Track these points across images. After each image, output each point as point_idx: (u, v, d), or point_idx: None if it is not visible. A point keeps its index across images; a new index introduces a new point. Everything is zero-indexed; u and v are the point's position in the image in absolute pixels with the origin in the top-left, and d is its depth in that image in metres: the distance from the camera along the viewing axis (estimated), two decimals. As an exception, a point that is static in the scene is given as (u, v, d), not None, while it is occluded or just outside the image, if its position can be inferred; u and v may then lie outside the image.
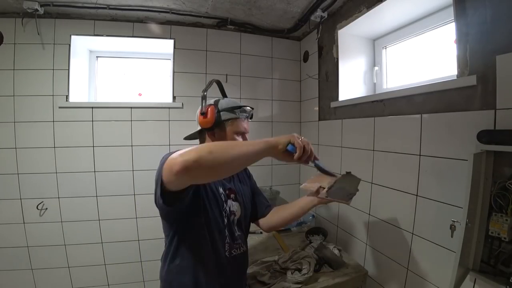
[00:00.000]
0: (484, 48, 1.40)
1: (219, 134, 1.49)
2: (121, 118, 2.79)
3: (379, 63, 2.56)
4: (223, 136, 1.48)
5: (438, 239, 1.61)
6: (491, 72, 1.35)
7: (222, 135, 1.49)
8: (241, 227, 1.60)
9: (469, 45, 1.46)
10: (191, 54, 2.96)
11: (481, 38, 1.41)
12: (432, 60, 2.07)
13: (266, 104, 3.22)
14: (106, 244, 2.80)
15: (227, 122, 1.49)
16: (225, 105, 1.52)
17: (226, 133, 1.48)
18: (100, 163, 2.75)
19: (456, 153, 1.52)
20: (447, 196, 1.56)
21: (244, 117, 1.53)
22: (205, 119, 1.47)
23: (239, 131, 1.50)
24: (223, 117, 1.48)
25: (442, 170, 1.59)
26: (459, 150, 1.49)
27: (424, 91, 1.70)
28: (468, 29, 1.47)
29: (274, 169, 3.24)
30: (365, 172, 2.18)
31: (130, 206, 2.83)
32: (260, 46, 3.19)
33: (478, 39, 1.43)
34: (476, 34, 1.43)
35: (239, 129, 1.50)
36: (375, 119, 2.11)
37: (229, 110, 1.50)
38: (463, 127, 1.48)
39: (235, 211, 1.56)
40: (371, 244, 2.16)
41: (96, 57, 3.11)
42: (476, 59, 1.43)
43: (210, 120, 1.46)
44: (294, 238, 2.61)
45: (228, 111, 1.50)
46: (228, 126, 1.49)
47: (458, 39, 1.52)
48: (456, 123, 1.52)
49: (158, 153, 2.71)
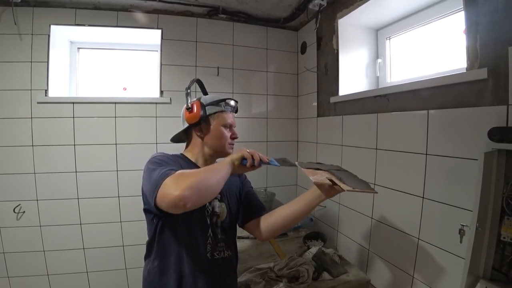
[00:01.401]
0: (495, 38, 1.38)
1: (206, 129, 1.57)
2: (105, 114, 2.78)
3: (382, 55, 2.54)
4: (210, 130, 1.57)
5: (446, 244, 1.60)
6: (503, 64, 1.34)
7: (209, 129, 1.57)
8: (225, 230, 1.58)
9: (480, 36, 1.44)
10: (179, 45, 2.95)
11: (493, 28, 1.39)
12: (440, 52, 2.06)
13: (261, 99, 3.22)
14: (88, 250, 2.78)
15: (213, 116, 1.57)
16: (209, 99, 1.60)
17: (213, 127, 1.56)
18: (81, 163, 2.73)
19: (465, 152, 1.50)
20: (456, 199, 1.55)
21: (229, 110, 1.62)
22: (191, 114, 1.53)
23: (226, 123, 1.58)
24: (209, 111, 1.56)
25: (450, 170, 1.58)
26: (469, 149, 1.48)
27: (431, 85, 1.69)
28: (478, 18, 1.45)
29: (269, 170, 3.23)
30: (368, 173, 2.17)
31: (114, 209, 2.82)
32: (254, 36, 3.19)
33: (489, 29, 1.41)
34: (487, 23, 1.42)
35: (226, 121, 1.58)
36: (378, 115, 2.10)
37: (214, 103, 1.58)
38: (473, 124, 1.46)
39: (219, 213, 1.56)
40: (374, 250, 2.15)
41: (77, 49, 3.08)
42: (487, 50, 1.42)
43: (196, 114, 1.52)
44: (290, 243, 2.61)
45: (213, 105, 1.58)
46: (215, 119, 1.57)
47: (467, 29, 1.50)
48: (465, 119, 1.50)
49: (144, 152, 2.72)
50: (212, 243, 1.51)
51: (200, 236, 1.48)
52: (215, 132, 1.56)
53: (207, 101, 1.59)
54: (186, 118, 1.55)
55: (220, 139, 1.56)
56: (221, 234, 1.56)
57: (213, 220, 1.54)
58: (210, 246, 1.50)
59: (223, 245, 1.56)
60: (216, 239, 1.54)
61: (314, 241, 2.53)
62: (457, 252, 1.54)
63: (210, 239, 1.50)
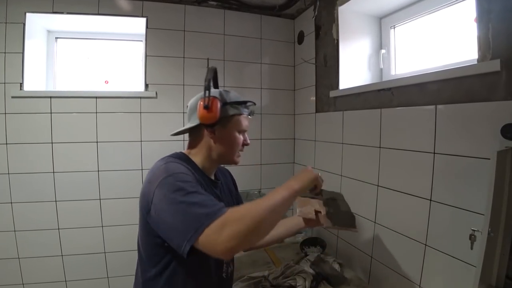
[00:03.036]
0: (509, 27, 1.36)
1: (220, 132, 1.46)
2: (85, 109, 2.76)
3: (386, 46, 2.54)
4: (224, 135, 1.47)
5: (455, 251, 1.59)
6: (518, 55, 1.33)
7: (223, 133, 1.46)
8: None
9: (492, 24, 1.43)
10: (166, 34, 2.94)
11: (506, 16, 1.38)
12: (449, 42, 2.05)
13: (254, 94, 3.22)
14: (67, 257, 2.75)
15: (229, 118, 1.47)
16: (228, 98, 1.49)
17: (228, 131, 1.47)
18: (60, 162, 2.70)
19: (476, 151, 1.48)
20: (466, 201, 1.53)
21: (246, 114, 1.53)
22: (209, 113, 1.39)
23: (242, 129, 1.51)
24: (226, 112, 1.45)
25: (460, 171, 1.57)
26: (480, 147, 1.46)
27: (439, 78, 1.68)
28: (490, 5, 1.44)
29: (264, 170, 3.24)
30: (370, 173, 2.17)
31: (95, 212, 2.80)
32: (247, 25, 3.19)
33: (502, 17, 1.39)
34: (500, 11, 1.40)
35: (242, 127, 1.50)
36: (381, 110, 2.09)
37: (234, 105, 1.48)
38: (485, 120, 1.45)
39: None
40: (377, 257, 2.14)
41: (55, 39, 3.05)
42: (500, 40, 1.40)
43: (214, 116, 1.39)
44: (287, 250, 2.62)
45: (233, 107, 1.48)
46: (231, 122, 1.47)
47: (479, 17, 1.49)
48: (476, 115, 1.49)
49: (127, 151, 2.72)
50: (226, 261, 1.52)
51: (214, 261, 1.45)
52: (229, 138, 1.48)
53: (226, 100, 1.48)
54: (201, 116, 1.40)
55: (232, 146, 1.49)
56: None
57: None
58: (226, 265, 1.51)
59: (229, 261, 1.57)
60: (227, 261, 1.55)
61: (313, 248, 2.53)
62: (467, 259, 1.52)
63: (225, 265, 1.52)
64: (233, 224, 1.01)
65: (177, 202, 1.11)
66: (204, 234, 1.02)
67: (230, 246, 0.98)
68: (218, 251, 1.00)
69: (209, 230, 1.02)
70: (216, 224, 1.02)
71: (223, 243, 0.98)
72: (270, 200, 1.14)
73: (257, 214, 1.06)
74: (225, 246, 0.98)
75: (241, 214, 1.05)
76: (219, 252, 1.00)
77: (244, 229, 1.01)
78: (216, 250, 1.00)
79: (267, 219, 1.07)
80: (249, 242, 1.03)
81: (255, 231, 1.03)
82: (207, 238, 1.02)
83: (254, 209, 1.08)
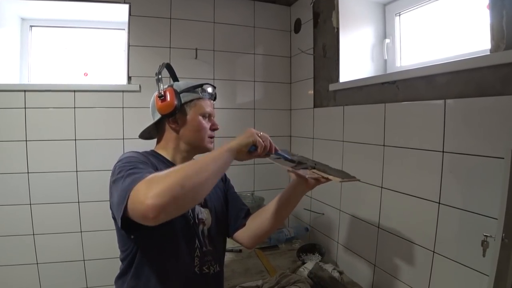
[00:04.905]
0: (525, 14, 1.36)
1: (182, 120, 1.57)
2: (62, 104, 2.74)
3: (391, 35, 2.54)
4: (187, 121, 1.57)
5: (466, 258, 1.58)
6: (534, 45, 1.32)
7: (185, 120, 1.57)
8: (212, 240, 1.61)
9: (506, 11, 1.41)
10: (151, 23, 2.94)
11: (522, 2, 1.37)
12: (459, 31, 2.04)
13: (247, 87, 3.24)
14: (42, 266, 2.73)
15: (189, 104, 1.58)
16: (184, 86, 1.61)
17: (190, 117, 1.57)
18: (35, 162, 2.69)
19: (489, 149, 1.47)
20: (478, 204, 1.52)
21: (207, 97, 1.64)
22: (164, 102, 1.52)
23: (204, 112, 1.60)
24: (184, 98, 1.57)
25: (471, 171, 1.56)
26: (494, 145, 1.45)
27: (449, 70, 1.67)
28: (505, -10, 1.43)
29: (257, 170, 3.24)
30: (373, 174, 2.16)
31: (73, 216, 2.78)
32: (240, 12, 3.21)
33: (518, 3, 1.39)
34: (515, -4, 1.40)
35: (204, 109, 1.60)
36: (385, 105, 2.09)
37: (190, 90, 1.60)
38: (498, 116, 1.44)
39: (204, 220, 1.59)
40: (381, 265, 2.14)
41: (30, 27, 3.03)
42: (515, 28, 1.39)
43: (170, 103, 1.51)
44: (282, 257, 2.62)
45: (189, 91, 1.59)
46: (191, 108, 1.58)
47: (492, 3, 1.48)
48: (489, 110, 1.48)
49: (109, 149, 2.74)
50: (200, 256, 1.53)
51: (186, 248, 1.48)
52: (192, 123, 1.56)
53: (181, 87, 1.59)
54: (159, 108, 1.53)
55: (198, 131, 1.57)
56: (208, 246, 1.58)
57: (199, 228, 1.55)
58: (198, 259, 1.52)
59: (211, 259, 1.57)
60: (203, 251, 1.54)
61: (310, 255, 2.53)
62: (479, 267, 1.51)
63: (198, 251, 1.52)
64: (158, 181, 1.03)
65: (115, 181, 1.20)
66: (130, 199, 1.05)
67: (156, 203, 0.97)
68: (144, 211, 0.99)
69: (134, 192, 1.05)
70: (141, 184, 1.05)
71: (148, 200, 0.98)
72: (199, 159, 1.20)
73: (183, 171, 1.09)
74: (151, 203, 0.97)
75: (166, 173, 1.08)
76: (145, 210, 0.99)
77: (169, 185, 1.01)
78: (142, 210, 1.00)
79: (194, 176, 1.08)
80: (176, 200, 1.02)
81: (181, 188, 1.02)
82: (132, 200, 1.05)
83: (181, 168, 1.13)
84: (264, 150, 1.36)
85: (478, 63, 1.52)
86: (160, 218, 1.00)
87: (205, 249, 1.56)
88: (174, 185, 1.02)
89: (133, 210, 1.05)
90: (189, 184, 1.05)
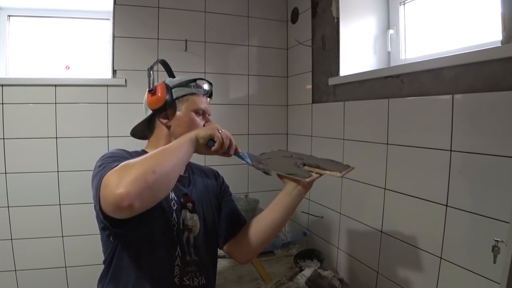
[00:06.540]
0: (539, 3, 1.36)
1: (175, 115, 1.58)
2: (42, 99, 2.75)
3: (395, 25, 2.54)
4: (178, 117, 1.57)
5: (475, 265, 1.58)
6: (549, 36, 1.32)
7: (178, 116, 1.58)
8: (198, 249, 1.58)
9: (519, 0, 1.42)
10: (137, 12, 2.94)
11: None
12: (468, 21, 2.04)
13: (240, 81, 3.24)
14: (21, 272, 2.73)
15: (181, 99, 1.58)
16: (177, 81, 1.62)
17: (181, 112, 1.58)
18: (12, 162, 2.69)
19: (500, 148, 1.47)
20: (488, 207, 1.52)
21: (201, 93, 1.64)
22: (154, 96, 1.53)
23: (198, 109, 1.59)
24: (176, 93, 1.57)
25: (481, 171, 1.56)
26: (505, 144, 1.45)
27: (457, 62, 1.66)
28: (517, -23, 1.43)
29: (251, 172, 3.22)
30: (376, 174, 2.16)
31: (54, 220, 2.79)
32: (232, 1, 3.24)
33: (531, -9, 1.39)
34: (528, -17, 1.40)
35: (197, 105, 1.59)
36: (389, 101, 2.09)
37: (183, 84, 1.60)
38: (510, 112, 1.43)
39: (191, 226, 1.57)
40: (384, 272, 2.14)
41: (7, 17, 3.01)
42: (528, 18, 1.39)
43: (161, 97, 1.52)
44: (278, 263, 2.63)
45: (182, 86, 1.60)
46: (183, 103, 1.58)
47: (503, -10, 1.48)
48: (500, 106, 1.47)
49: (92, 148, 2.74)
50: (181, 265, 1.50)
51: (165, 256, 1.47)
52: (184, 119, 1.56)
53: (174, 82, 1.60)
54: (149, 102, 1.55)
55: (190, 127, 1.53)
56: (193, 255, 1.55)
57: (184, 236, 1.53)
58: (179, 269, 1.49)
59: (195, 269, 1.55)
60: (186, 260, 1.52)
61: (308, 261, 2.54)
62: (489, 275, 1.51)
63: (179, 259, 1.50)
64: (130, 168, 1.06)
65: (95, 175, 1.21)
66: (101, 190, 1.07)
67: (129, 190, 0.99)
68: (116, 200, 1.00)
69: (104, 182, 1.07)
70: (111, 174, 1.07)
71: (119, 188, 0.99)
72: (165, 147, 1.25)
73: (153, 158, 1.14)
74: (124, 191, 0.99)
75: (136, 160, 1.11)
76: (114, 200, 1.00)
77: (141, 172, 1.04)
78: (112, 202, 1.01)
79: (164, 162, 1.12)
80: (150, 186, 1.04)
81: (152, 173, 1.05)
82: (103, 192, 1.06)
83: (150, 155, 1.17)
84: (222, 148, 1.37)
85: (488, 56, 1.51)
86: (135, 207, 1.01)
87: (189, 258, 1.54)
88: (146, 171, 1.05)
89: (105, 203, 1.06)
90: (160, 169, 1.08)
